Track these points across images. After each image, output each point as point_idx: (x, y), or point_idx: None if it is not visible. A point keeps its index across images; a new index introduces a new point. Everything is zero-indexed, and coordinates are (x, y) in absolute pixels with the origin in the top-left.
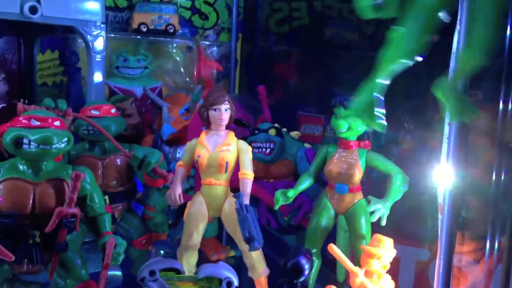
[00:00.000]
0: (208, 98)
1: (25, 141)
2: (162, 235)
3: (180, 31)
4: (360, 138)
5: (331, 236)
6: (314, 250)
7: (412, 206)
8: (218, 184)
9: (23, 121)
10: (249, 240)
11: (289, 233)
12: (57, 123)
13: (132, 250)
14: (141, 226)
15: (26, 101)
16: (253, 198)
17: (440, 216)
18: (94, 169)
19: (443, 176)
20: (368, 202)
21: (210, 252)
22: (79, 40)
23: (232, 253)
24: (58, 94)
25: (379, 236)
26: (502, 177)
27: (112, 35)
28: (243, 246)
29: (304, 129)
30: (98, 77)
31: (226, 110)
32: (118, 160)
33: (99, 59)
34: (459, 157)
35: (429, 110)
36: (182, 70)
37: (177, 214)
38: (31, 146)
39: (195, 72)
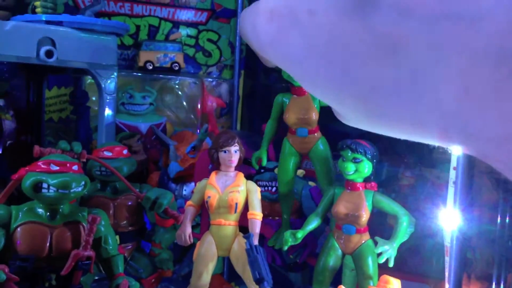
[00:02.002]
0: (218, 140)
1: (44, 185)
2: (167, 272)
3: (185, 68)
4: (366, 179)
5: (336, 274)
6: None
7: (413, 241)
8: (228, 224)
9: (42, 165)
10: (259, 281)
11: (295, 271)
12: (75, 167)
13: None
14: (151, 265)
15: (34, 138)
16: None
17: (447, 258)
18: (106, 209)
19: (450, 220)
20: (375, 243)
21: None
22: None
23: None
24: (64, 129)
25: (386, 277)
26: (507, 217)
27: (118, 72)
28: (252, 286)
29: (305, 165)
30: (109, 117)
31: (235, 151)
32: (129, 200)
33: (110, 100)
34: (465, 201)
35: (429, 146)
36: (185, 106)
37: (181, 250)
38: (50, 191)
39: (198, 108)
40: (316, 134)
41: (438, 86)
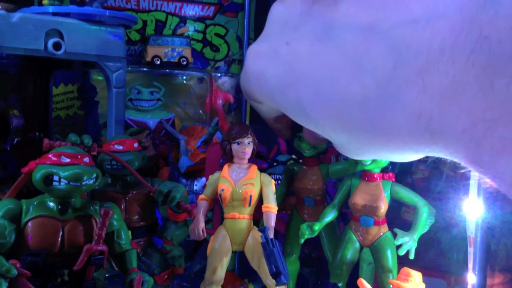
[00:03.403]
0: (231, 132)
1: (55, 178)
2: (179, 269)
3: (192, 63)
4: (384, 170)
5: (354, 268)
6: (340, 284)
7: (429, 235)
8: (242, 217)
9: (53, 158)
10: (275, 275)
11: (309, 266)
12: (86, 159)
13: (154, 286)
14: (163, 261)
15: (42, 134)
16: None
17: (470, 249)
18: (118, 204)
19: (474, 209)
20: (394, 235)
21: (228, 286)
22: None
23: (251, 287)
24: (71, 126)
25: (407, 269)
26: None
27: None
28: (269, 281)
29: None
30: (118, 111)
31: (249, 143)
32: (140, 194)
33: (120, 94)
34: (489, 191)
35: None
36: (194, 101)
37: (193, 246)
38: (62, 183)
39: (207, 103)
40: (323, 204)
41: (399, 89)
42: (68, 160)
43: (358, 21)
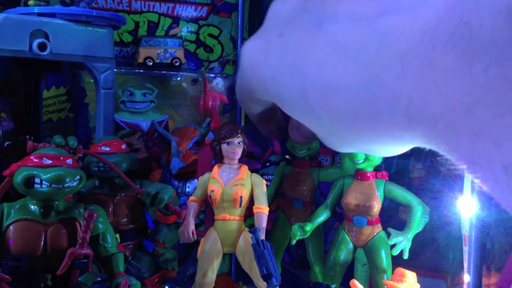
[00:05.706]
0: (220, 132)
1: (37, 180)
2: (172, 272)
3: (186, 64)
4: (377, 168)
5: (348, 269)
6: (334, 286)
7: (425, 235)
8: (233, 219)
9: (35, 160)
10: (266, 277)
11: (303, 268)
12: (69, 161)
13: None
14: (153, 265)
15: (32, 138)
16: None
17: (465, 248)
18: (105, 206)
19: (468, 208)
20: (388, 234)
21: None
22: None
23: None
24: (63, 129)
25: (401, 270)
26: None
27: (117, 69)
28: (260, 284)
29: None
30: (107, 113)
31: (239, 143)
32: (129, 197)
33: (108, 95)
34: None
35: None
36: (187, 102)
37: (186, 249)
38: (43, 186)
39: (201, 104)
40: (311, 207)
41: (380, 72)
42: (50, 161)
43: (348, 12)
